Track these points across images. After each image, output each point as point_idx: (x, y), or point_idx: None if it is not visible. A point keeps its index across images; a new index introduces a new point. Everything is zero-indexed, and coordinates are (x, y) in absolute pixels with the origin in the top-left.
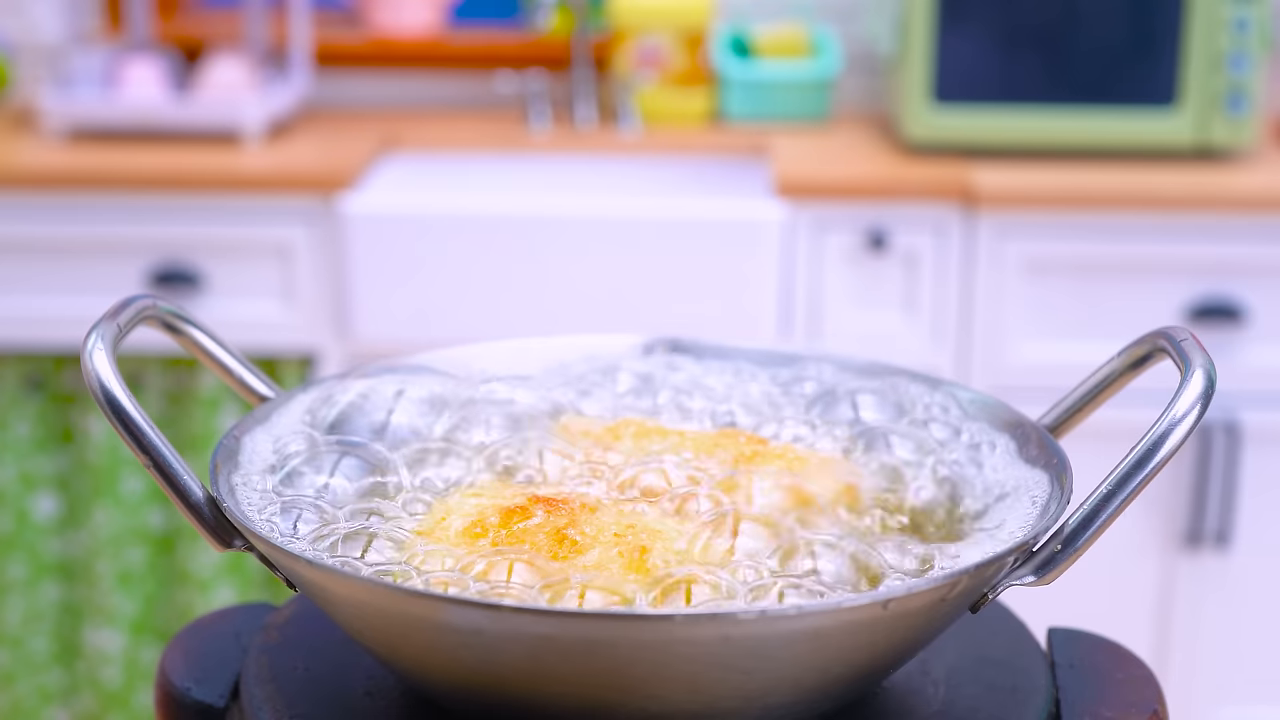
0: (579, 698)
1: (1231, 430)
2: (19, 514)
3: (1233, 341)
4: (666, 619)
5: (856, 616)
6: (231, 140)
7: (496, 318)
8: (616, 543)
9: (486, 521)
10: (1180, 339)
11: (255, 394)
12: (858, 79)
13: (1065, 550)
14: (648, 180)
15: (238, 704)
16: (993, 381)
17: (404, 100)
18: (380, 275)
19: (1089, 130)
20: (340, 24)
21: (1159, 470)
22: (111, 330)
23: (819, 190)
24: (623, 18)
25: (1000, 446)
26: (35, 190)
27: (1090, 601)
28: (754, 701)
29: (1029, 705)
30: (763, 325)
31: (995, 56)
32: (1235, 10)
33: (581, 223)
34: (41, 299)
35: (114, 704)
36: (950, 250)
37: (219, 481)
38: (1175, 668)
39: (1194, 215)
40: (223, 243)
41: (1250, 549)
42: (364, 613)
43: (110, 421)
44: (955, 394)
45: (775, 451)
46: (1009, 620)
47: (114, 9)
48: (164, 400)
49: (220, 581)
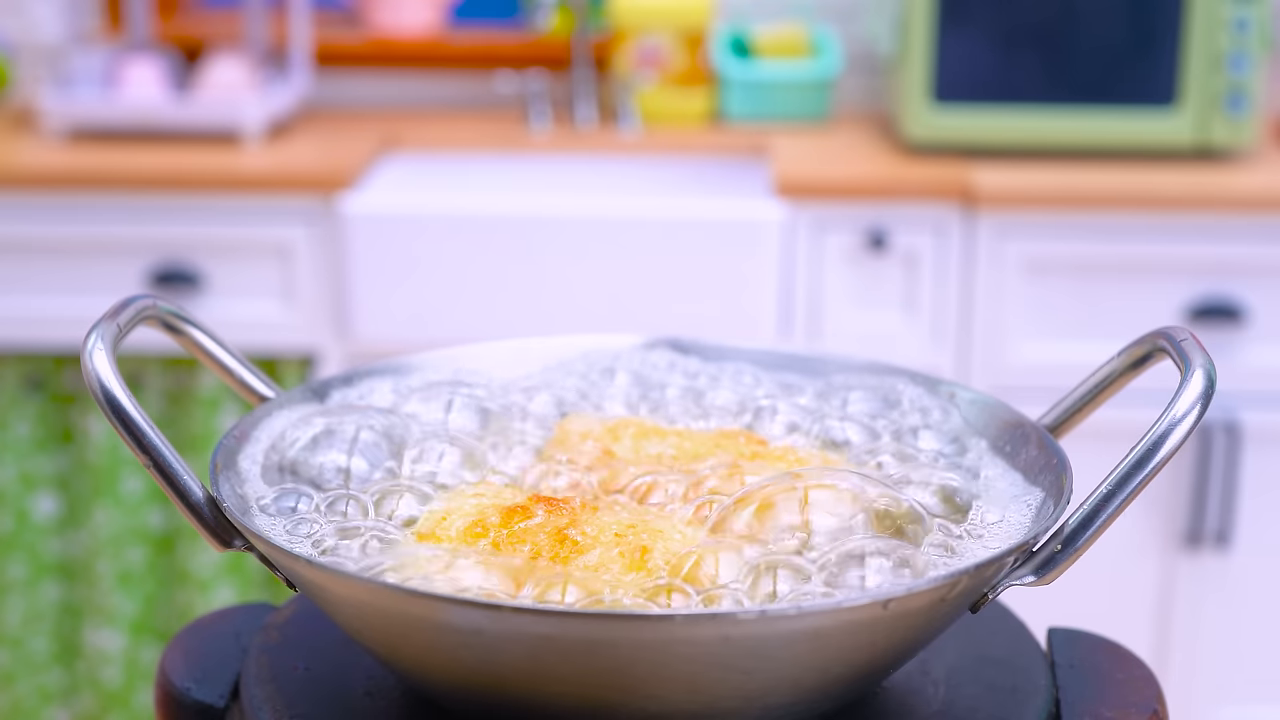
0: (579, 698)
1: (1231, 430)
2: (19, 514)
3: (1233, 341)
4: (666, 619)
5: (856, 616)
6: (231, 140)
7: (496, 317)
8: (617, 543)
9: (487, 521)
10: (1180, 339)
11: (255, 394)
12: (858, 79)
13: (1065, 550)
14: (648, 180)
15: (238, 704)
16: (993, 381)
17: (404, 100)
18: (380, 275)
19: (1089, 130)
20: (340, 24)
21: (1159, 470)
22: (111, 330)
23: (819, 190)
24: (623, 18)
25: (1000, 446)
26: (35, 190)
27: (1090, 601)
28: (754, 701)
29: (1029, 705)
30: (763, 325)
31: (995, 56)
32: (1235, 10)
33: (581, 223)
34: (41, 299)
35: (114, 704)
36: (950, 250)
37: (219, 481)
38: (1175, 668)
39: (1194, 215)
40: (223, 243)
41: (1250, 549)
42: (364, 613)
43: (110, 421)
44: (956, 394)
45: (775, 453)
46: (1009, 620)
47: (114, 9)
48: (164, 400)
49: (220, 581)
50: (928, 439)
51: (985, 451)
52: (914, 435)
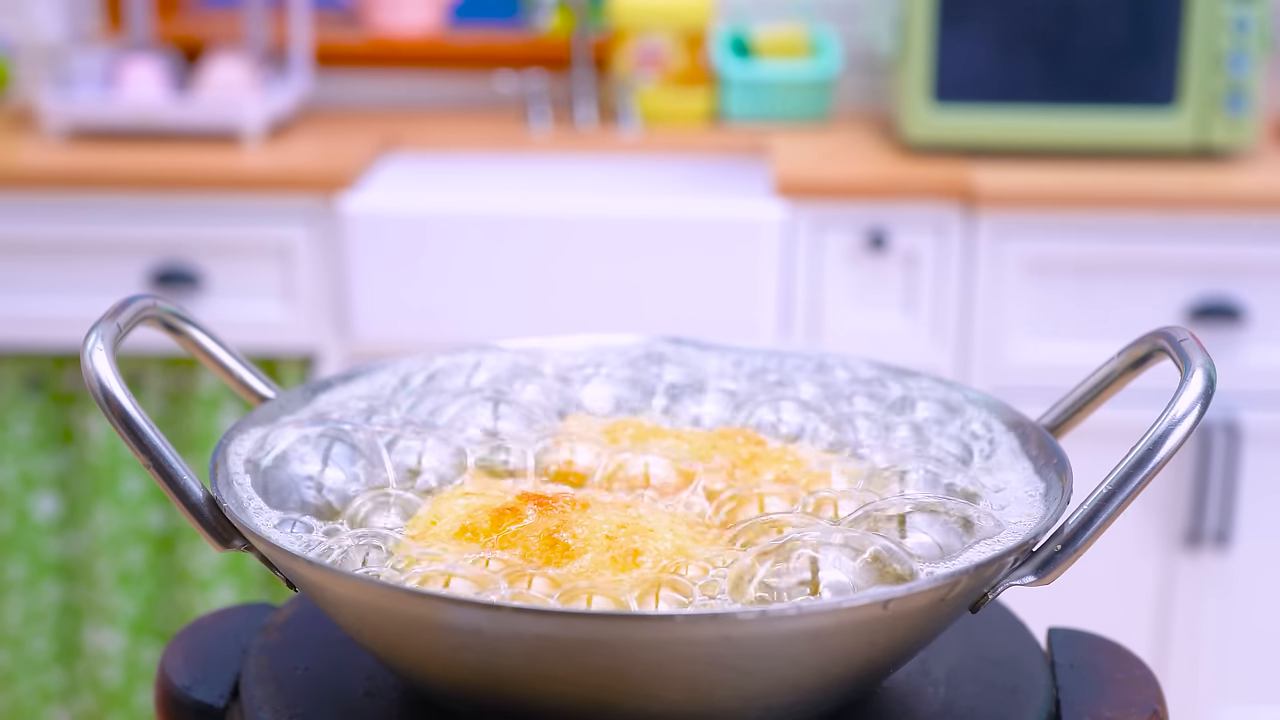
0: (579, 698)
1: (1231, 430)
2: (19, 514)
3: (1233, 341)
4: (666, 619)
5: (856, 616)
6: (231, 140)
7: (496, 317)
8: (609, 546)
9: (477, 524)
10: (1180, 339)
11: (255, 394)
12: (858, 79)
13: (1065, 550)
14: (648, 180)
15: (238, 704)
16: (993, 381)
17: (404, 100)
18: (380, 275)
19: (1089, 130)
20: (340, 24)
21: (1159, 470)
22: (111, 330)
23: (819, 190)
24: (623, 18)
25: (1000, 446)
26: (35, 190)
27: (1090, 601)
28: (754, 702)
29: (1029, 705)
30: (763, 325)
31: (995, 56)
32: (1235, 10)
33: (581, 223)
34: (41, 299)
35: (114, 704)
36: (950, 250)
37: (219, 481)
38: (1175, 668)
39: (1194, 215)
40: (223, 243)
41: (1250, 549)
42: (364, 613)
43: (110, 421)
44: (960, 394)
45: (773, 453)
46: (1009, 620)
47: (114, 9)
48: (164, 400)
49: (220, 581)
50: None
51: (985, 451)
52: (924, 427)
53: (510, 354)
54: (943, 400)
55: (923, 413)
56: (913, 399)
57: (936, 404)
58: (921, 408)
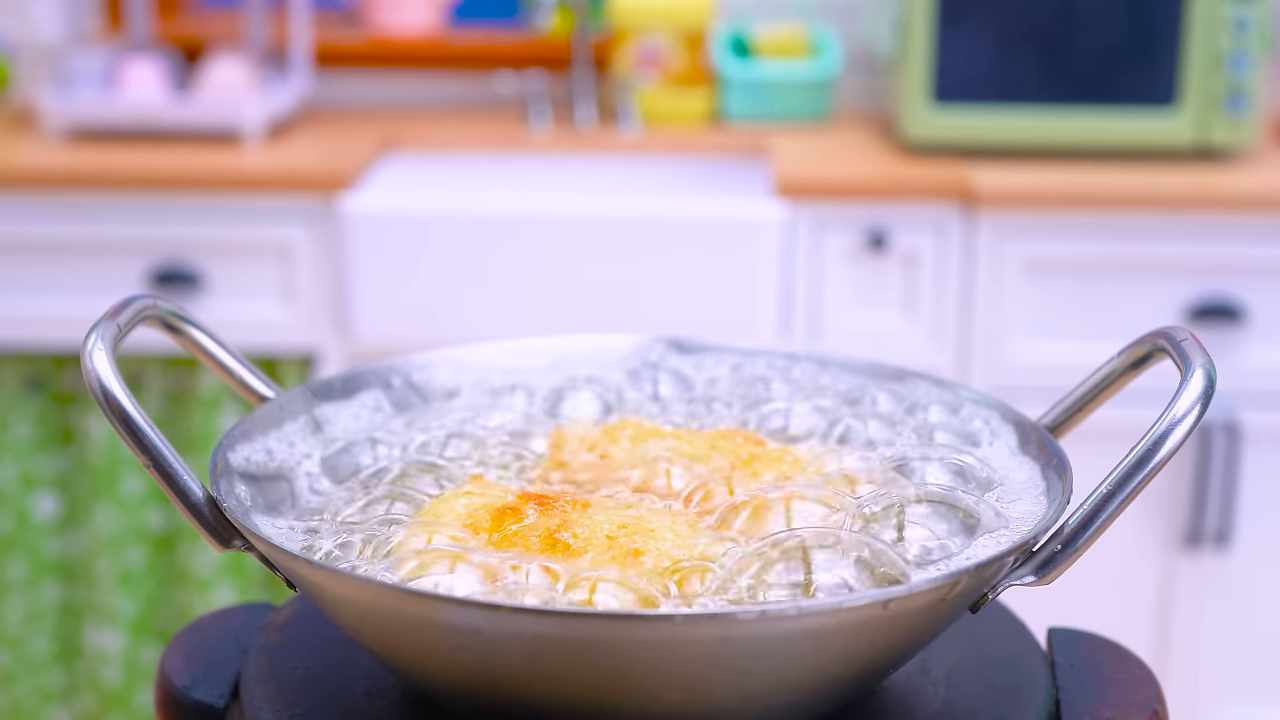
0: (579, 698)
1: (1231, 430)
2: (19, 514)
3: (1233, 341)
4: (666, 619)
5: (856, 616)
6: (231, 140)
7: (496, 317)
8: (610, 546)
9: (478, 523)
10: (1180, 339)
11: (255, 394)
12: (858, 79)
13: (1065, 550)
14: (648, 180)
15: (238, 704)
16: (993, 381)
17: (404, 100)
18: (380, 275)
19: (1089, 130)
20: (340, 24)
21: (1159, 470)
22: (111, 330)
23: (819, 190)
24: (623, 18)
25: (1000, 445)
26: (35, 190)
27: (1090, 601)
28: (754, 702)
29: (1029, 705)
30: (762, 325)
31: (995, 56)
32: (1235, 10)
33: (581, 223)
34: (41, 299)
35: (114, 704)
36: (950, 250)
37: (219, 481)
38: (1175, 668)
39: (1194, 215)
40: (223, 243)
41: (1250, 549)
42: (364, 613)
43: (110, 421)
44: (958, 394)
45: (773, 454)
46: (1009, 620)
47: (114, 9)
48: (164, 400)
49: (220, 581)
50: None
51: (985, 450)
52: (923, 427)
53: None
54: (941, 401)
55: (933, 415)
56: (913, 400)
57: (937, 405)
58: (933, 411)
